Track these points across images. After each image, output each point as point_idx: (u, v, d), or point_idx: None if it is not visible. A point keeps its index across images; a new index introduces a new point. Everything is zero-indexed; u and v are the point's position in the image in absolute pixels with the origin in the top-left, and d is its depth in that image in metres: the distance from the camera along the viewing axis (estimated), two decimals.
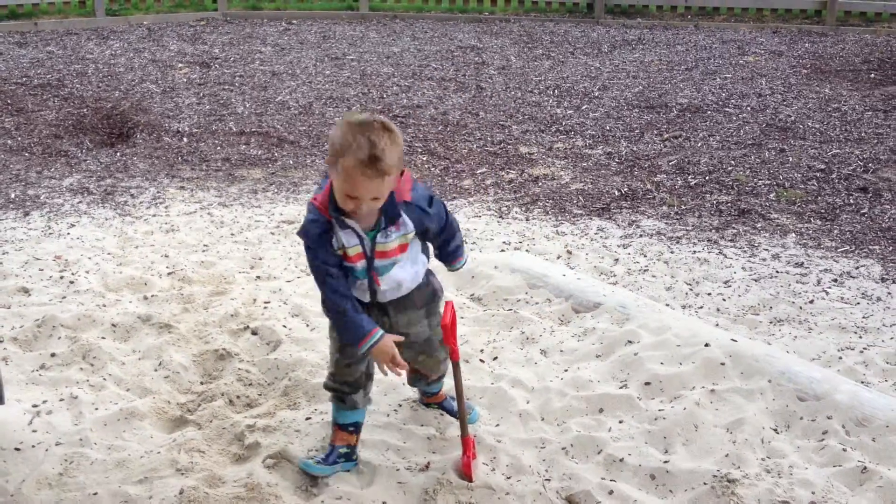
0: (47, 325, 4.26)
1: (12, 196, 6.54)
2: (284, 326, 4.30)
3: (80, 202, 6.43)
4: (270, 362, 4.00)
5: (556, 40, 12.53)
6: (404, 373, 3.22)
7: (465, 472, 3.20)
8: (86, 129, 8.27)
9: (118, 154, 7.61)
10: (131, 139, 8.02)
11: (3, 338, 4.18)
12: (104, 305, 4.56)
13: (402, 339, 3.08)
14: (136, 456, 3.37)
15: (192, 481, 3.18)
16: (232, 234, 5.78)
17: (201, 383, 3.93)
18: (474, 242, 5.66)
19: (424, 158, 7.49)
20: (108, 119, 8.51)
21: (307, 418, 3.58)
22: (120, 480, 3.23)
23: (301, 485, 3.21)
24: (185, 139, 8.01)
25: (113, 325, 4.32)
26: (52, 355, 4.04)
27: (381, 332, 2.99)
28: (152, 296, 4.70)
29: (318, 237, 2.91)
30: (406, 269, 3.07)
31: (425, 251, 3.19)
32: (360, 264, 2.98)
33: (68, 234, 5.78)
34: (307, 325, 4.36)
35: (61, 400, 3.70)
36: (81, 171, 7.15)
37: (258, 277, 5.04)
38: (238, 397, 3.78)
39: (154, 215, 6.16)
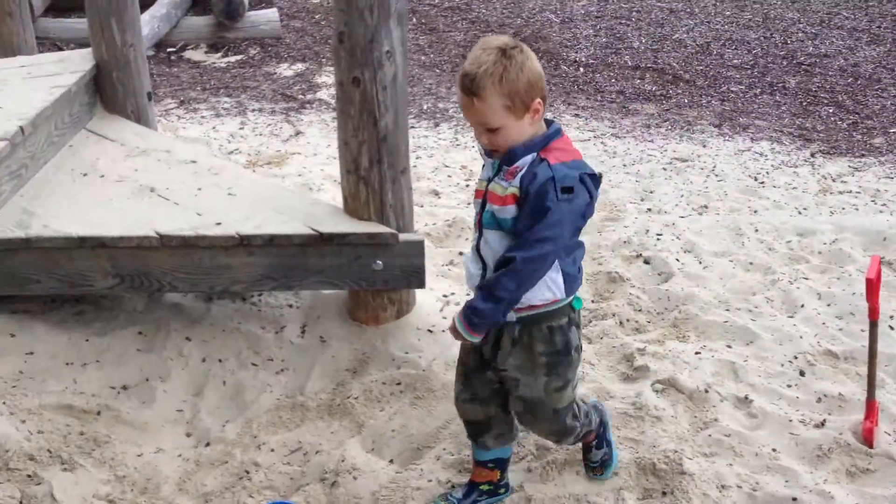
0: (456, 226, 4.62)
1: (425, 108, 7.09)
2: (677, 260, 4.30)
3: None
4: (661, 292, 4.03)
5: None
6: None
7: (866, 438, 3.04)
8: None
9: None
10: None
11: (418, 231, 4.59)
12: None
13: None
14: None
15: (581, 389, 3.32)
16: (624, 165, 5.84)
17: (592, 301, 4.06)
18: (884, 205, 5.25)
19: (830, 110, 7.02)
20: None
21: (696, 353, 3.58)
22: None
23: (688, 411, 3.23)
24: (581, 69, 8.16)
25: None
26: (460, 253, 4.38)
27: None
28: None
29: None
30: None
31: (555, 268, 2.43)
32: (478, 205, 2.54)
33: (473, 146, 6.16)
34: (700, 263, 4.33)
35: (467, 294, 4.01)
36: None
37: (649, 210, 5.07)
38: (627, 320, 3.86)
39: None
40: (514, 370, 2.56)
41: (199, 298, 3.90)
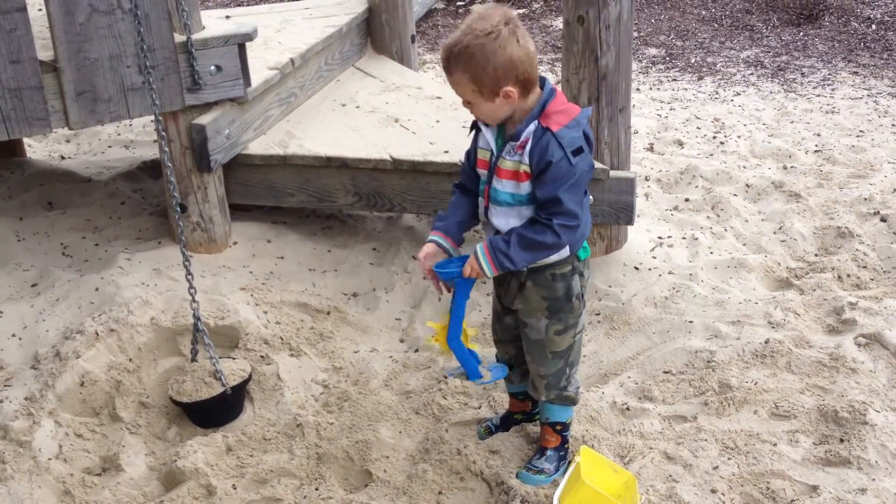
0: (687, 174, 4.61)
1: (692, 61, 6.98)
2: None
3: (752, 74, 6.61)
4: (892, 251, 3.82)
5: None
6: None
7: None
8: (776, 7, 8.32)
9: (801, 34, 7.56)
10: (818, 21, 7.87)
11: (649, 177, 4.64)
12: (744, 167, 4.75)
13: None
14: (735, 301, 3.56)
15: (779, 335, 3.27)
16: (893, 125, 5.46)
17: (815, 255, 3.93)
18: None
19: None
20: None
21: None
22: (714, 317, 3.47)
23: (889, 367, 3.09)
24: (873, 26, 7.61)
25: (747, 185, 4.50)
26: (686, 200, 4.38)
27: (432, 238, 2.65)
28: (792, 167, 4.75)
29: (472, 127, 2.60)
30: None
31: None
32: (483, 175, 2.54)
33: (732, 100, 6.03)
34: None
35: (683, 238, 4.03)
36: (761, 46, 7.29)
37: None
38: (848, 276, 3.71)
39: (818, 95, 6.08)
40: (521, 313, 2.66)
41: (429, 223, 4.24)
